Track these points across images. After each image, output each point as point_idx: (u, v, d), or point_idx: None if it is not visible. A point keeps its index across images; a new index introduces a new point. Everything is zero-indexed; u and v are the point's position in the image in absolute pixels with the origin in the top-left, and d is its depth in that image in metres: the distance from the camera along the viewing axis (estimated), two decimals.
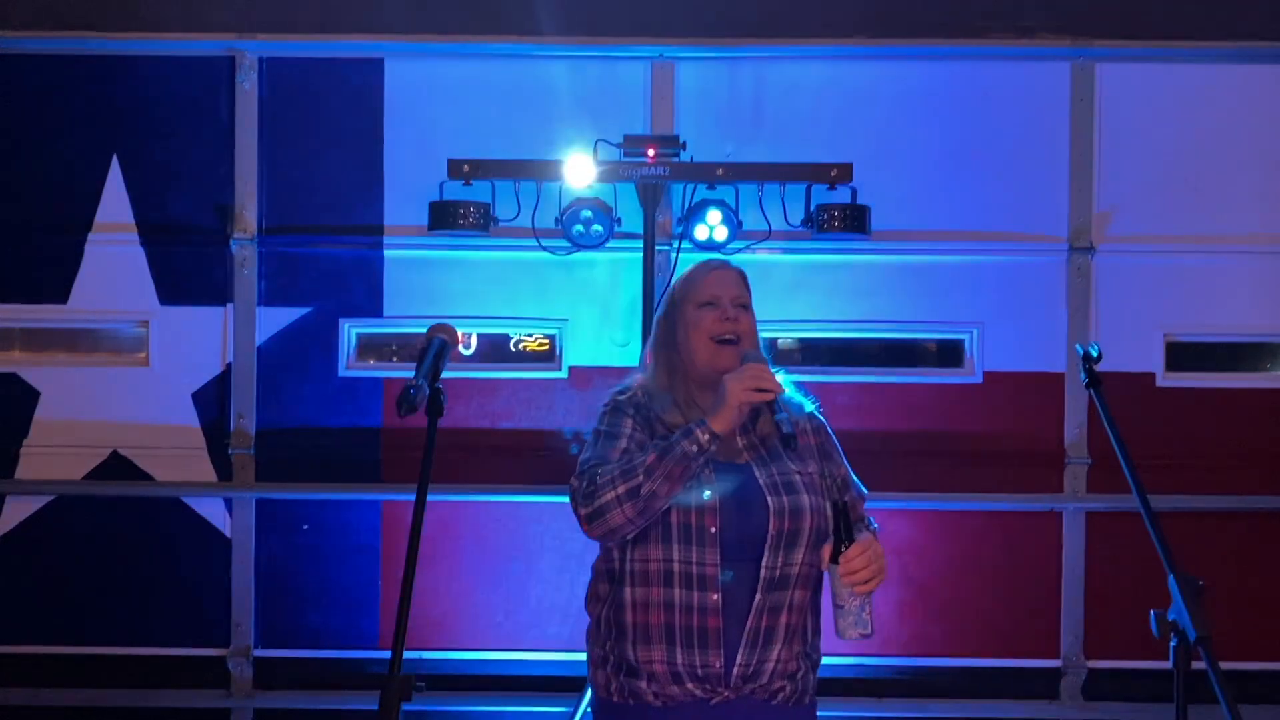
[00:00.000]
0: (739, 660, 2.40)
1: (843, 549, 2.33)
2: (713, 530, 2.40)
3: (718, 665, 2.39)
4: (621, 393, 2.58)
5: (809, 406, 2.62)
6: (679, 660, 2.40)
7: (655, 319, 2.66)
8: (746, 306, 2.59)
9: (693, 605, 2.39)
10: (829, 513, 2.45)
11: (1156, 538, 2.21)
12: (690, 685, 2.40)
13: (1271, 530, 4.49)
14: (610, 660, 2.49)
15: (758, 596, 2.40)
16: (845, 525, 2.34)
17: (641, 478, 2.34)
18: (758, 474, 2.46)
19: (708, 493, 2.40)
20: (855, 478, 2.64)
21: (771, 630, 2.43)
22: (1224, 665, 2.07)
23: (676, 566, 2.40)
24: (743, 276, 2.63)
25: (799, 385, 2.63)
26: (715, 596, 2.39)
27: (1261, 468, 4.51)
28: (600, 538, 2.42)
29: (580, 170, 4.17)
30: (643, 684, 2.44)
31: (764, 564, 2.41)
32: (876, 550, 2.35)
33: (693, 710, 2.42)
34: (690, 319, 2.55)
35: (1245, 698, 2.18)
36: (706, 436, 2.34)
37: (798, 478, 2.48)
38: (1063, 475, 4.49)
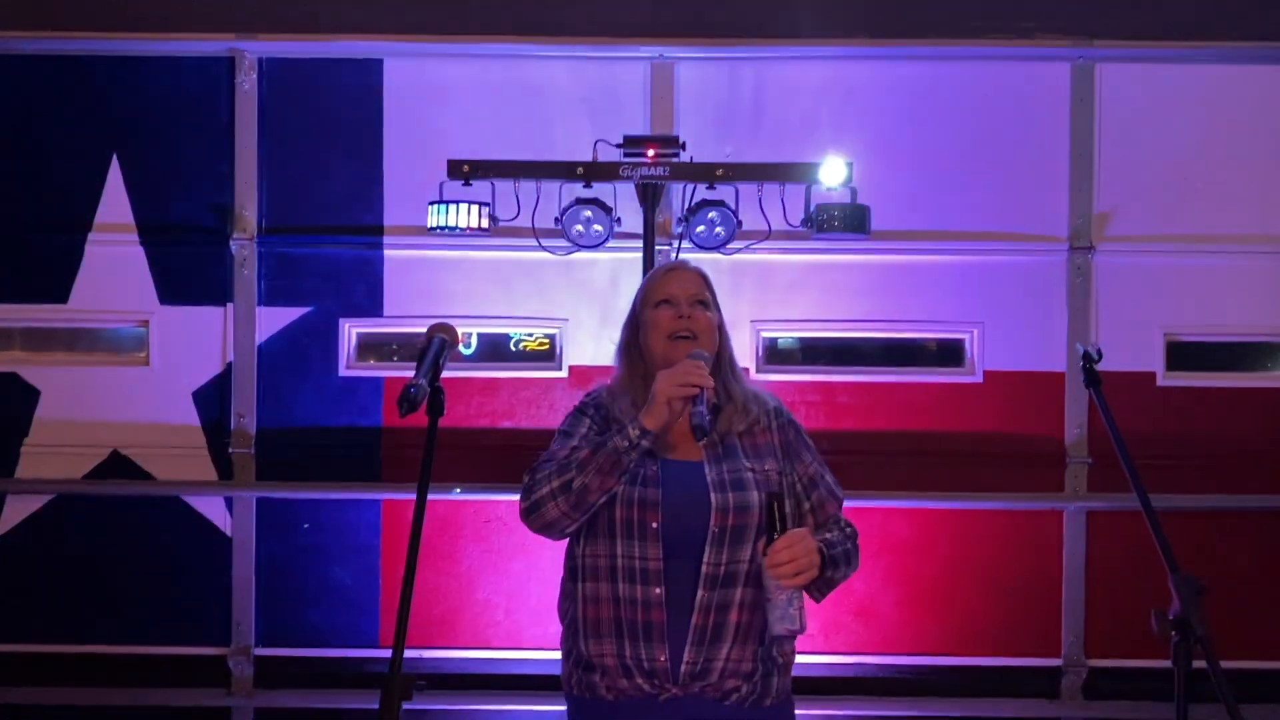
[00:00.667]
0: (686, 657, 2.42)
1: (771, 541, 2.31)
2: (654, 525, 2.43)
3: (663, 659, 2.41)
4: (590, 394, 2.65)
5: (771, 403, 2.63)
6: (627, 654, 2.43)
7: (623, 324, 2.70)
8: (706, 304, 2.62)
9: (636, 599, 2.42)
10: (788, 510, 2.45)
11: (1158, 537, 2.22)
12: (639, 680, 2.43)
13: (1271, 530, 4.49)
14: (572, 654, 2.55)
15: (700, 593, 2.42)
16: (775, 517, 2.32)
17: (574, 472, 2.42)
18: (707, 471, 2.49)
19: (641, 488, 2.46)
20: (829, 478, 2.63)
21: (720, 628, 2.43)
22: (1224, 665, 2.07)
23: (620, 561, 2.45)
24: (701, 275, 2.67)
25: (759, 386, 2.73)
26: (658, 591, 2.42)
27: (1261, 468, 4.51)
28: (539, 530, 2.52)
29: (580, 170, 4.18)
30: (596, 677, 2.48)
31: (705, 560, 2.42)
32: (807, 544, 2.33)
33: (642, 706, 2.44)
34: (649, 319, 2.61)
35: (1246, 697, 2.17)
36: (636, 432, 2.39)
37: (749, 475, 2.49)
38: (1063, 475, 4.49)
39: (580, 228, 4.26)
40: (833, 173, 4.18)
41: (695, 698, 2.43)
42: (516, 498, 4.43)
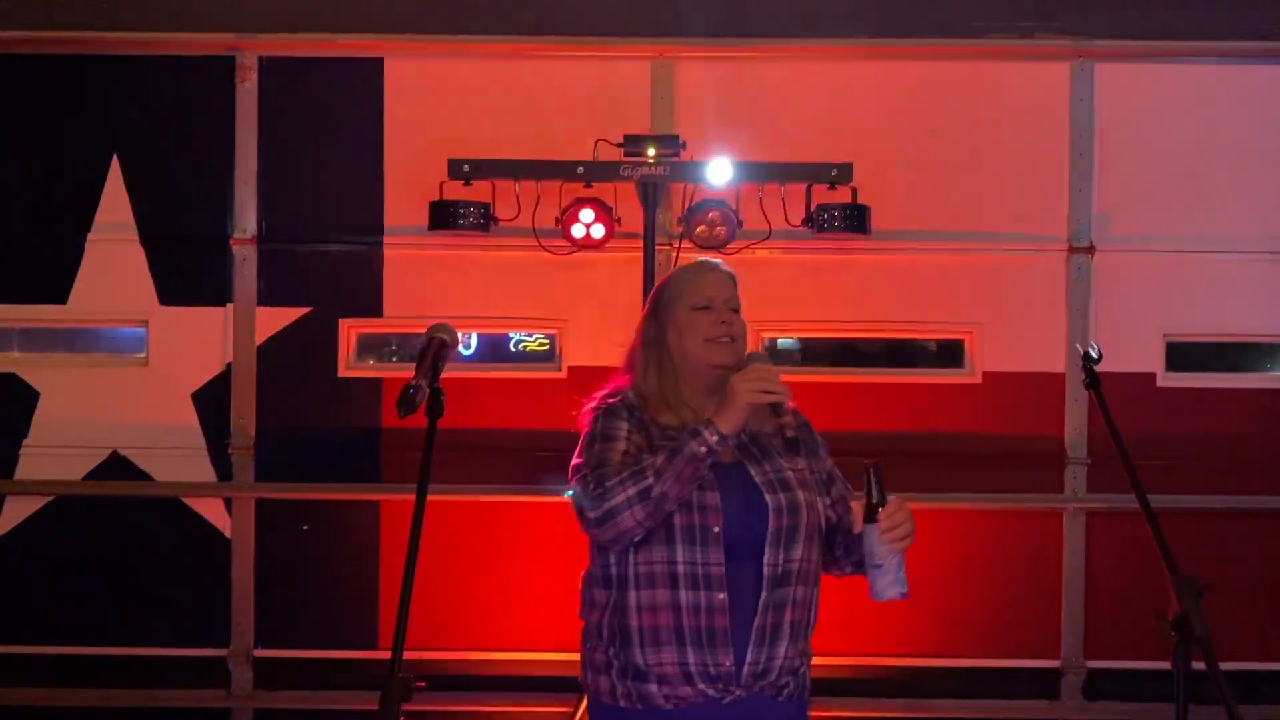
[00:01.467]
0: (749, 658, 2.41)
1: (878, 508, 2.32)
2: (716, 530, 2.40)
3: (728, 664, 2.39)
4: (612, 395, 2.58)
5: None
6: (690, 660, 2.39)
7: (642, 318, 2.66)
8: (737, 310, 2.59)
9: (700, 605, 2.39)
10: (820, 508, 2.48)
11: (1158, 538, 2.21)
12: (702, 685, 2.40)
13: (1272, 531, 4.49)
14: (615, 665, 2.48)
15: (763, 594, 2.41)
16: (879, 484, 2.33)
17: (651, 479, 2.34)
18: (753, 472, 2.47)
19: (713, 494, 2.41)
20: (839, 474, 2.65)
21: (778, 627, 2.43)
22: (1224, 665, 2.07)
23: (681, 568, 2.40)
24: (734, 279, 2.62)
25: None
26: (721, 596, 2.39)
27: (1261, 468, 4.51)
28: (609, 541, 2.41)
29: (581, 170, 4.18)
30: (652, 687, 2.43)
31: (766, 561, 2.41)
32: (908, 509, 2.35)
33: (705, 710, 2.41)
34: (684, 321, 2.54)
35: (1246, 698, 2.17)
36: (715, 437, 2.35)
37: (790, 474, 2.49)
38: (1063, 475, 4.49)
39: (580, 228, 4.26)
40: (832, 173, 4.18)
41: (755, 697, 2.43)
42: (516, 498, 4.49)
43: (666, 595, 2.40)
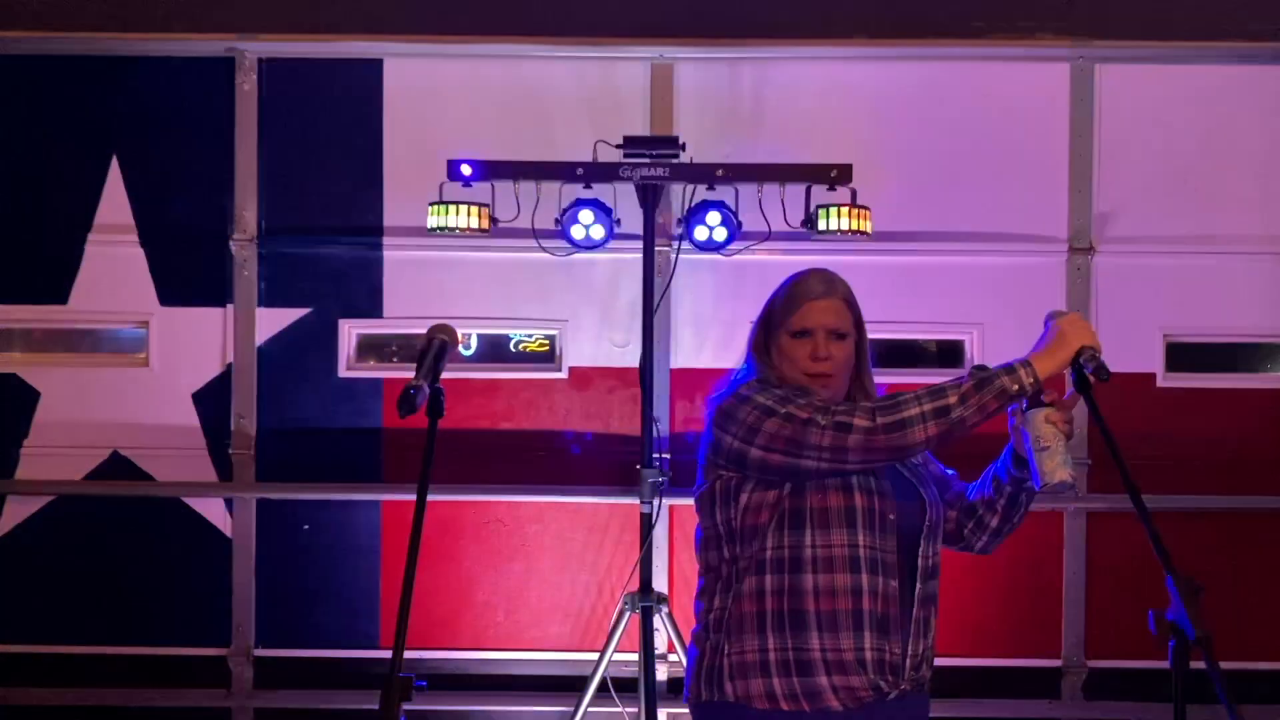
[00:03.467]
0: (910, 650, 2.40)
1: (1040, 395, 2.34)
2: (891, 517, 2.38)
3: (898, 653, 2.37)
4: (761, 380, 2.47)
5: None
6: (867, 646, 2.33)
7: (751, 331, 2.58)
8: (844, 335, 2.49)
9: (879, 591, 2.35)
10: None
11: (1154, 539, 2.21)
12: (874, 675, 2.34)
13: (1272, 530, 4.49)
14: (776, 660, 2.34)
15: (918, 585, 2.42)
16: (1038, 380, 2.35)
17: (954, 399, 2.29)
18: (901, 468, 2.47)
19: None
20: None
21: (927, 620, 2.45)
22: (1224, 665, 2.07)
23: (863, 551, 2.34)
24: (844, 301, 2.52)
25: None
26: (894, 584, 2.37)
27: (1262, 468, 4.50)
28: (887, 453, 2.28)
29: (580, 171, 4.17)
30: (823, 680, 2.32)
31: (921, 553, 2.42)
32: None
33: (872, 710, 2.35)
34: (785, 346, 2.48)
35: (1245, 698, 2.17)
36: (1030, 379, 2.32)
37: (925, 471, 2.53)
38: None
39: (580, 228, 4.26)
40: (832, 174, 4.17)
41: (911, 694, 2.42)
42: (515, 499, 4.49)
43: (846, 580, 2.34)
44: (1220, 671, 2.03)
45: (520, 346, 4.65)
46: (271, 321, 4.56)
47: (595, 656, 3.97)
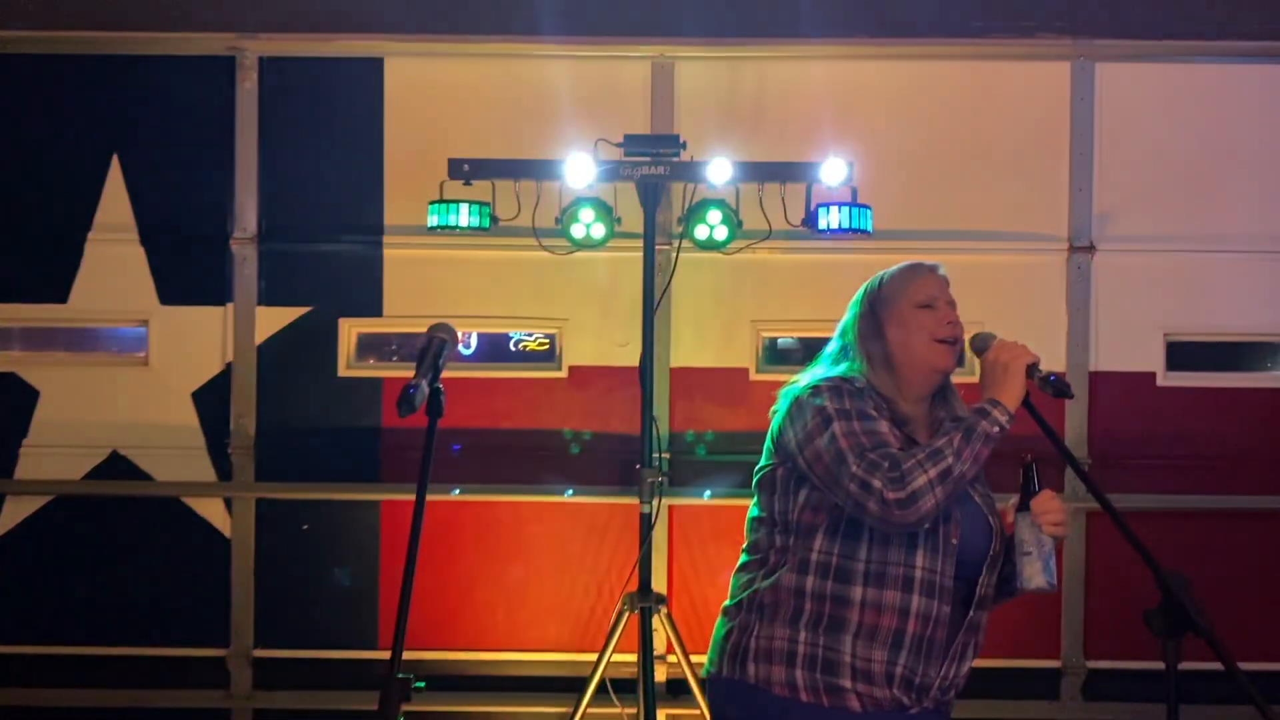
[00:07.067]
0: (943, 672, 2.39)
1: (1032, 497, 2.38)
2: (954, 542, 2.38)
3: (931, 675, 2.37)
4: (844, 379, 2.47)
5: None
6: (900, 664, 2.33)
7: (854, 316, 2.61)
8: (955, 308, 2.59)
9: (929, 615, 2.34)
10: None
11: (1127, 535, 2.24)
12: (899, 691, 2.34)
13: (1271, 530, 4.49)
14: (804, 654, 2.35)
15: (970, 612, 2.40)
16: (1037, 476, 2.40)
17: (951, 460, 2.30)
18: (972, 493, 2.47)
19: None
20: None
21: (968, 647, 2.43)
22: (1224, 666, 2.07)
23: (920, 573, 2.34)
24: (948, 280, 2.64)
25: None
26: (947, 608, 2.36)
27: (1261, 468, 4.50)
28: (910, 523, 2.27)
29: (581, 169, 4.17)
30: (847, 682, 2.33)
31: (980, 581, 2.41)
32: (1060, 500, 2.42)
33: (892, 717, 2.36)
34: (909, 319, 2.51)
35: (1245, 699, 2.18)
36: (1005, 416, 2.38)
37: (992, 499, 2.50)
38: (1062, 475, 4.48)
39: (581, 228, 4.25)
40: (833, 172, 4.17)
41: (934, 711, 2.41)
42: (515, 498, 4.49)
43: (896, 597, 2.34)
44: (1227, 652, 2.04)
45: (520, 345, 4.64)
46: (271, 321, 4.55)
47: (594, 657, 3.97)
